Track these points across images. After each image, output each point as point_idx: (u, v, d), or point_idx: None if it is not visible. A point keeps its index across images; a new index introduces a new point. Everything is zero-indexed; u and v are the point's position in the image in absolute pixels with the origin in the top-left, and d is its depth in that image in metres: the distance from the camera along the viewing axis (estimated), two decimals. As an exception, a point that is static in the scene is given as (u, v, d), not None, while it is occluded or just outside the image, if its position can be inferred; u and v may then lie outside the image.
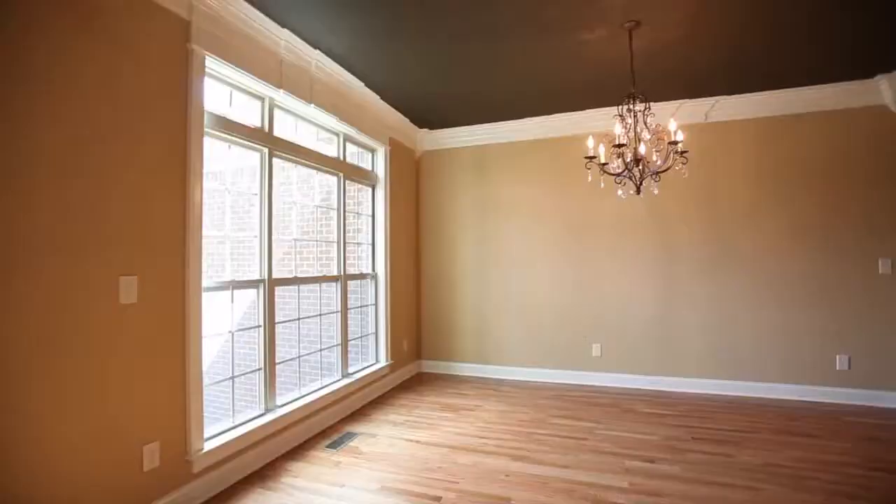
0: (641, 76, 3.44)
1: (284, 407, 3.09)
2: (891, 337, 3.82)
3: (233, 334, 2.90)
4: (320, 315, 3.77)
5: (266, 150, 3.03)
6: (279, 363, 3.18)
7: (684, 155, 2.67)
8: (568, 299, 4.66)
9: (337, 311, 3.87)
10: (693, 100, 4.15)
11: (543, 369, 4.72)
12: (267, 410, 2.98)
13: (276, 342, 3.14)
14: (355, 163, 4.24)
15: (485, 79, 3.68)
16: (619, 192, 2.99)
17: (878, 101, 3.86)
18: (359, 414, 3.74)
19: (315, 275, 3.84)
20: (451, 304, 5.09)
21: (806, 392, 3.97)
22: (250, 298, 3.26)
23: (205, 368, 2.47)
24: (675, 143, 2.63)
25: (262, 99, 3.03)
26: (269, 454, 2.87)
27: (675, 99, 4.14)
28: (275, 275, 3.12)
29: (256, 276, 3.02)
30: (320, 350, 3.72)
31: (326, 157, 3.71)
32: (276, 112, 3.16)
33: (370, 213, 4.49)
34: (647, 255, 4.42)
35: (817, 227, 4.00)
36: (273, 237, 3.10)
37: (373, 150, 4.49)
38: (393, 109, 4.40)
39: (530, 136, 4.79)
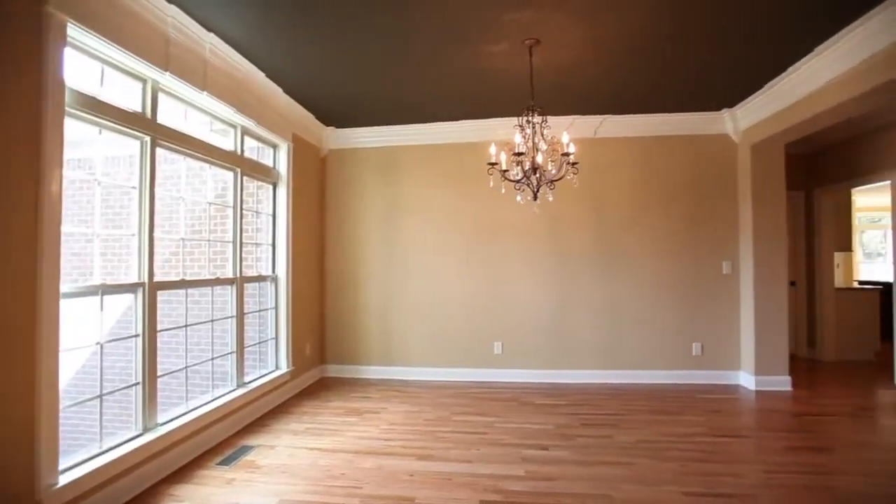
0: (540, 90, 3.71)
1: (168, 424, 2.79)
2: (732, 326, 4.58)
3: (102, 346, 2.55)
4: (212, 321, 3.47)
5: (148, 139, 2.72)
6: (162, 376, 2.87)
7: (575, 166, 2.94)
8: (472, 300, 4.85)
9: (232, 316, 3.60)
10: (584, 116, 4.58)
11: (448, 368, 4.85)
12: (146, 430, 2.66)
13: (159, 353, 2.83)
14: (255, 158, 3.98)
15: (394, 81, 3.69)
16: (518, 197, 3.19)
17: (723, 131, 4.62)
18: (256, 425, 3.51)
19: (207, 277, 3.53)
20: (357, 307, 5.01)
21: (671, 376, 4.59)
22: (127, 304, 2.90)
23: (64, 387, 2.13)
24: (568, 154, 2.88)
25: (143, 80, 2.72)
26: (149, 478, 2.57)
27: (570, 114, 4.54)
28: (158, 277, 2.81)
29: (134, 280, 2.69)
30: (212, 359, 3.42)
31: (222, 150, 3.44)
32: (162, 97, 2.85)
33: (271, 211, 4.25)
34: (544, 257, 4.77)
35: (682, 234, 4.65)
36: (155, 236, 2.78)
37: (275, 146, 4.25)
38: (298, 105, 4.22)
39: (438, 140, 4.90)
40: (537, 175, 2.92)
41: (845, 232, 6.44)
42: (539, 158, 2.91)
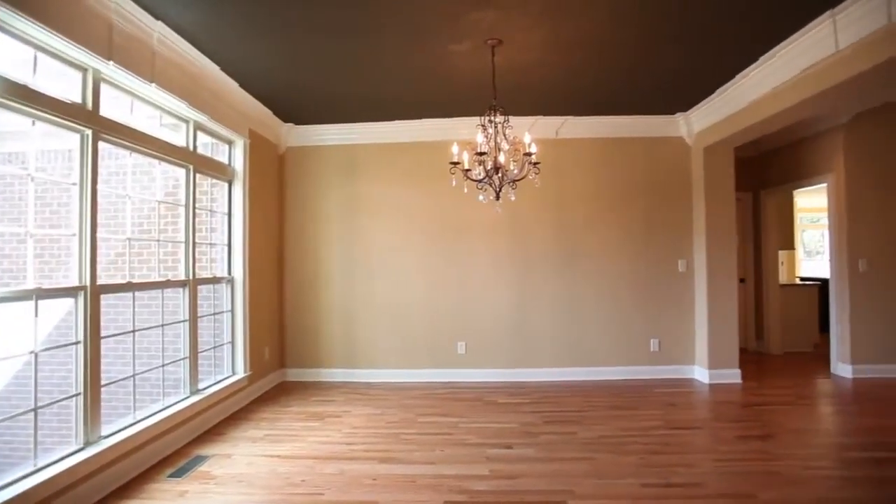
0: (502, 91, 3.71)
1: (113, 437, 2.62)
2: (687, 322, 4.77)
3: (36, 355, 2.36)
4: (163, 325, 3.29)
5: (89, 132, 2.54)
6: (107, 385, 2.69)
7: (537, 166, 2.97)
8: (435, 300, 4.83)
9: (185, 320, 3.43)
10: (546, 117, 4.65)
11: (412, 370, 4.81)
12: (87, 443, 2.49)
13: (104, 360, 2.65)
14: (209, 155, 3.81)
15: (355, 78, 3.62)
16: (481, 197, 3.19)
17: (678, 134, 4.81)
18: (212, 433, 3.36)
19: (157, 279, 3.35)
20: (318, 308, 4.89)
21: (630, 372, 4.73)
22: (67, 309, 2.71)
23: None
24: (530, 154, 2.91)
25: (84, 69, 2.54)
26: (92, 495, 2.40)
27: (532, 115, 4.59)
28: (102, 280, 2.63)
29: (74, 283, 2.51)
30: (163, 366, 3.24)
31: (172, 145, 3.27)
32: (106, 88, 2.68)
33: (226, 210, 4.08)
34: (507, 257, 4.81)
35: (640, 234, 4.80)
36: (99, 236, 2.61)
37: (230, 143, 4.08)
38: (255, 100, 4.07)
39: (401, 138, 4.85)
40: (499, 175, 2.93)
41: (788, 231, 6.84)
42: (501, 158, 2.92)
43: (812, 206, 8.33)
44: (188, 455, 2.98)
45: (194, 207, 3.50)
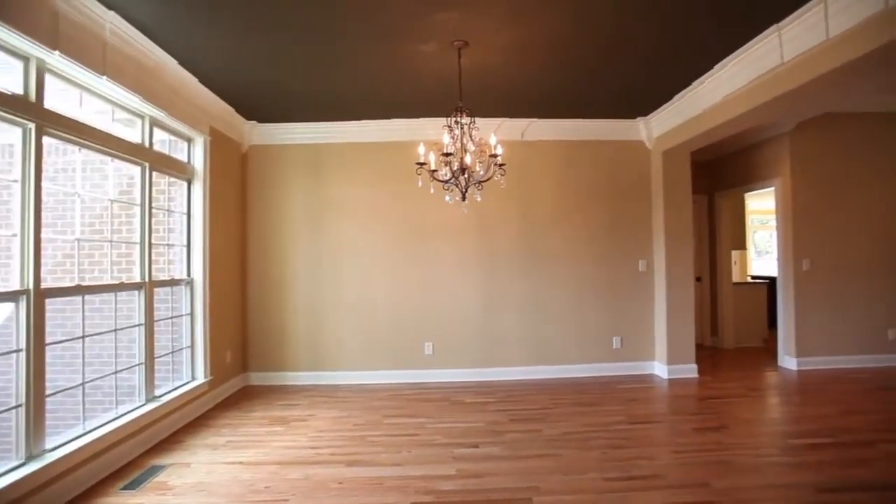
0: (469, 92, 3.75)
1: (59, 449, 2.47)
2: (647, 320, 4.95)
3: (-27, 363, 2.20)
4: (116, 330, 3.13)
5: (32, 126, 2.39)
6: (52, 394, 2.54)
7: (503, 167, 3.01)
8: (402, 301, 4.81)
9: (140, 324, 3.28)
10: (512, 119, 4.72)
11: (379, 371, 4.78)
12: (30, 458, 2.34)
13: (50, 368, 2.50)
14: (166, 152, 3.66)
15: (321, 76, 3.56)
16: (447, 197, 3.20)
17: (639, 137, 4.98)
18: (170, 442, 3.23)
19: (110, 282, 3.19)
20: (283, 311, 4.78)
21: (593, 369, 4.86)
22: (7, 315, 2.54)
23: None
24: (496, 156, 2.94)
25: (26, 59, 2.39)
26: (33, 512, 2.26)
27: (498, 117, 4.65)
28: (47, 283, 2.49)
29: (16, 287, 2.36)
30: (116, 372, 3.09)
31: (126, 142, 3.12)
32: (52, 79, 2.53)
33: (185, 210, 3.93)
34: (473, 257, 4.85)
35: (602, 234, 4.93)
36: (44, 236, 2.46)
37: (189, 140, 3.94)
38: (216, 96, 3.94)
39: (368, 138, 4.81)
40: (465, 176, 2.95)
41: (740, 232, 7.20)
42: (467, 159, 2.95)
43: (762, 208, 8.81)
44: (143, 466, 2.85)
45: (151, 207, 3.35)
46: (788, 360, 5.08)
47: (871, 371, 4.82)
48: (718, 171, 6.35)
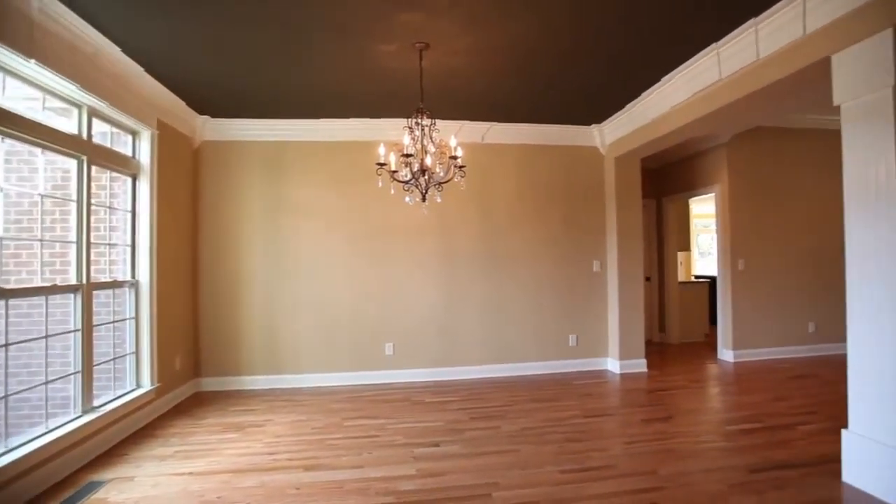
0: (430, 94, 3.78)
1: (-20, 467, 2.27)
2: (601, 318, 5.17)
3: None
4: (47, 337, 2.91)
5: (-49, 114, 2.18)
6: (-27, 407, 2.33)
7: (462, 169, 3.05)
8: (363, 302, 4.77)
9: (77, 330, 3.06)
10: (472, 122, 4.79)
11: (339, 373, 4.71)
12: (-51, 475, 2.14)
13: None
14: (107, 145, 3.44)
15: (280, 72, 3.48)
16: (407, 198, 3.22)
17: (593, 143, 5.19)
18: (111, 455, 3.03)
19: (40, 284, 2.95)
20: (238, 313, 4.61)
21: (550, 366, 5.02)
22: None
23: None
24: (455, 157, 2.98)
25: (-58, 41, 2.18)
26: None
27: (459, 119, 4.70)
28: (-33, 286, 2.27)
29: (-69, 289, 2.14)
30: (46, 383, 2.86)
31: (60, 132, 2.90)
32: (-30, 63, 2.32)
33: (130, 207, 3.71)
34: (434, 258, 4.88)
35: (559, 236, 5.10)
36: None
37: (134, 133, 3.72)
38: (164, 88, 3.74)
39: (328, 137, 4.73)
40: (426, 177, 2.98)
41: (685, 234, 7.66)
42: (428, 160, 2.97)
43: (704, 212, 9.39)
44: (79, 483, 2.66)
45: (89, 203, 3.14)
46: (726, 353, 5.46)
47: (795, 360, 5.29)
48: (666, 177, 6.72)
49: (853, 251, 2.50)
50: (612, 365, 5.06)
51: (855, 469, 2.49)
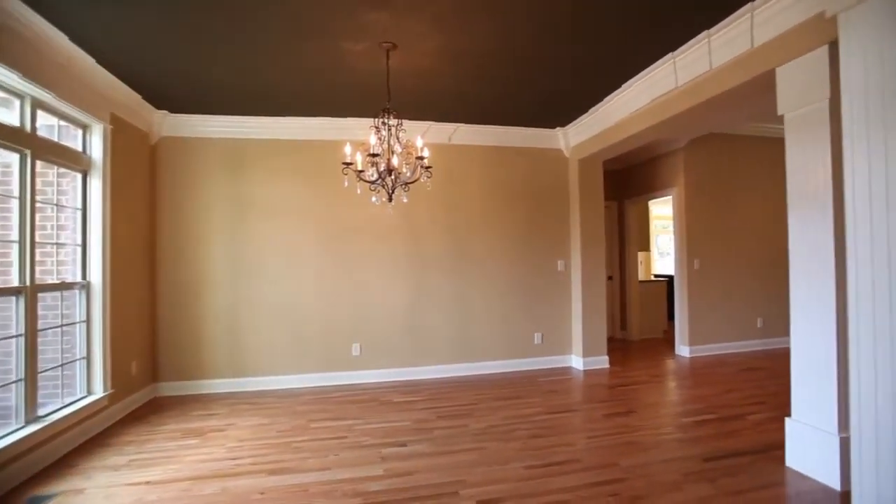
0: (397, 94, 3.78)
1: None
2: (565, 316, 5.30)
3: None
4: (-12, 342, 2.73)
5: None
6: None
7: (429, 170, 3.07)
8: (329, 302, 4.71)
9: (19, 335, 2.88)
10: (439, 123, 4.81)
11: (306, 374, 4.63)
12: None
13: None
14: (54, 139, 3.26)
15: (244, 67, 3.38)
16: (374, 198, 3.21)
17: (558, 146, 5.32)
18: (59, 467, 2.87)
19: (-21, 287, 2.77)
20: (199, 315, 4.46)
21: (516, 364, 5.11)
22: None
23: None
24: (422, 158, 2.99)
25: None
26: None
27: (426, 120, 4.72)
28: None
29: None
30: (-12, 391, 2.69)
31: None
32: None
33: (80, 205, 3.52)
34: (401, 258, 4.87)
35: (524, 236, 5.20)
36: None
37: (85, 127, 3.54)
38: (118, 81, 3.58)
39: (294, 135, 4.64)
40: (392, 177, 2.97)
41: (645, 235, 7.96)
42: (394, 161, 2.97)
43: (663, 214, 9.78)
44: (21, 498, 2.51)
45: (34, 200, 2.96)
46: (683, 349, 5.72)
47: (745, 354, 5.60)
48: (627, 179, 6.96)
49: (795, 251, 2.67)
50: (576, 362, 5.20)
51: (797, 454, 2.67)
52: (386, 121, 3.03)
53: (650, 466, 2.73)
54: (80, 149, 3.49)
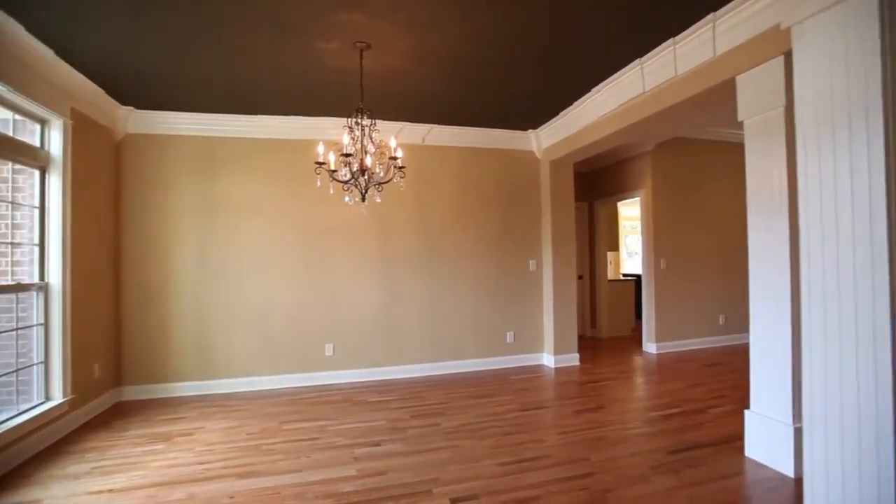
0: (371, 94, 3.78)
1: None
2: (537, 315, 5.39)
3: None
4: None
5: None
6: None
7: (402, 170, 3.08)
8: (302, 302, 4.66)
9: (-29, 339, 2.74)
10: (413, 124, 4.82)
11: (278, 376, 4.56)
12: None
13: None
14: (8, 133, 3.11)
15: (214, 64, 3.30)
16: (347, 198, 3.19)
17: (530, 148, 5.40)
18: (13, 477, 2.74)
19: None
20: (166, 316, 4.33)
21: (489, 362, 5.17)
22: None
23: None
24: (396, 158, 3.00)
25: None
26: None
27: (400, 120, 4.72)
28: None
29: None
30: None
31: (-49, 118, 2.59)
32: None
33: (38, 203, 3.37)
34: (374, 257, 4.86)
35: (496, 236, 5.26)
36: None
37: (44, 122, 3.38)
38: (80, 75, 3.44)
39: (266, 134, 4.57)
40: (366, 177, 2.97)
41: (614, 235, 8.18)
42: (368, 161, 2.96)
43: (631, 215, 10.06)
44: (-24, 506, 2.40)
45: (-13, 198, 2.82)
46: (650, 346, 5.90)
47: (709, 350, 5.83)
48: (597, 181, 7.13)
49: (753, 251, 2.81)
50: (548, 360, 5.29)
51: (755, 444, 2.81)
52: (359, 121, 3.02)
53: (618, 460, 2.82)
54: (37, 144, 3.34)
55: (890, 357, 1.56)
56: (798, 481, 2.47)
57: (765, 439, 2.74)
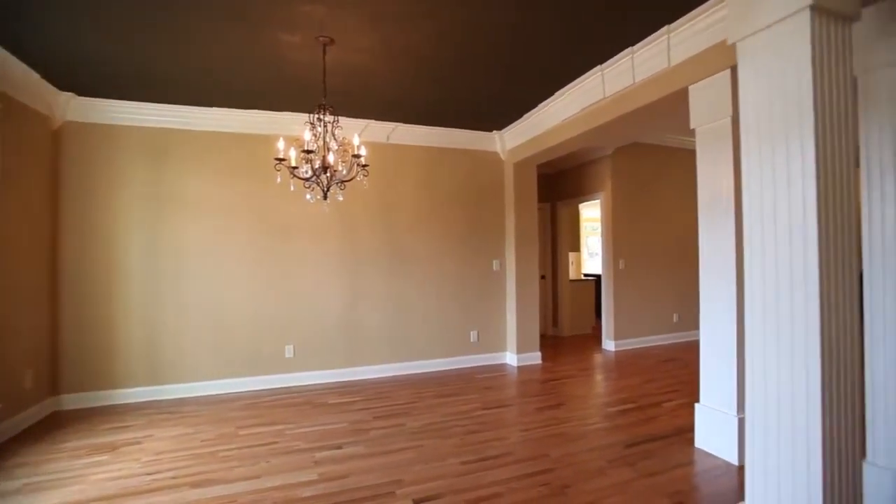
0: (335, 91, 3.70)
1: None
2: (500, 314, 5.46)
3: None
4: None
5: None
6: None
7: (366, 168, 3.03)
8: (261, 303, 4.51)
9: None
10: (378, 122, 4.76)
11: (235, 379, 4.40)
12: None
13: None
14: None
15: (163, 50, 3.13)
16: (308, 196, 3.12)
17: (494, 149, 5.46)
18: (-68, 494, 2.50)
19: None
20: (111, 318, 4.08)
21: (453, 362, 5.18)
22: None
23: None
24: (359, 156, 2.95)
25: None
26: None
27: (364, 118, 4.65)
28: None
29: None
30: None
31: None
32: None
33: (-38, 195, 3.09)
34: (336, 257, 4.77)
35: (460, 236, 5.28)
36: None
37: (-31, 106, 3.11)
38: (12, 56, 3.17)
39: (224, 127, 4.38)
40: (328, 174, 2.91)
41: (576, 236, 8.40)
42: (330, 158, 2.90)
43: (592, 216, 10.37)
44: None
45: None
46: (609, 343, 6.10)
47: (664, 347, 6.09)
48: (559, 183, 7.30)
49: (703, 252, 2.95)
50: (511, 358, 5.37)
51: (704, 435, 2.95)
52: (322, 117, 2.95)
53: (577, 455, 2.89)
54: (-38, 131, 3.06)
55: (819, 353, 1.68)
56: (741, 469, 2.62)
57: (713, 430, 2.89)
